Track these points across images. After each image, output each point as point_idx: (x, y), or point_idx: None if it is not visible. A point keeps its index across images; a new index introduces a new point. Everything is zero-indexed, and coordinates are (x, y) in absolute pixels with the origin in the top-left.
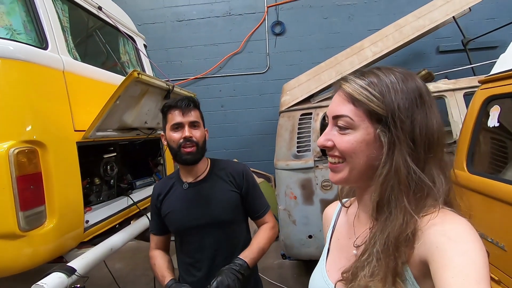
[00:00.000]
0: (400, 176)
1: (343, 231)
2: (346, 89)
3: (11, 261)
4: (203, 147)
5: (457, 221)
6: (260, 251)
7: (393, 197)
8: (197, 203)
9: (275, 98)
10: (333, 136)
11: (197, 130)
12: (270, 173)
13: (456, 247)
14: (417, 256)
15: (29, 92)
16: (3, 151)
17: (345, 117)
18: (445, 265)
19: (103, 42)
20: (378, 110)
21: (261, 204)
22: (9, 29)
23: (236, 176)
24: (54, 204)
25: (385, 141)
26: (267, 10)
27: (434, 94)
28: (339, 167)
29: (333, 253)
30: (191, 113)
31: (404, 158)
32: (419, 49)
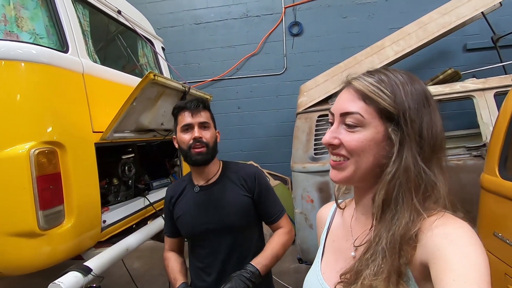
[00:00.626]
0: (409, 174)
1: (339, 233)
2: (357, 86)
3: (31, 259)
4: (214, 148)
5: (458, 224)
6: (274, 257)
7: (401, 195)
8: (208, 207)
9: (292, 99)
10: (340, 134)
11: (207, 131)
12: (287, 176)
13: (458, 250)
14: (418, 258)
15: (50, 94)
16: (24, 152)
17: (355, 114)
18: (446, 268)
19: (122, 45)
20: (389, 108)
21: (275, 208)
22: (32, 34)
23: (248, 179)
24: (72, 203)
25: (396, 140)
26: (284, 10)
27: (461, 94)
28: (343, 165)
29: (328, 255)
30: (200, 114)
31: (414, 157)
32: (444, 48)
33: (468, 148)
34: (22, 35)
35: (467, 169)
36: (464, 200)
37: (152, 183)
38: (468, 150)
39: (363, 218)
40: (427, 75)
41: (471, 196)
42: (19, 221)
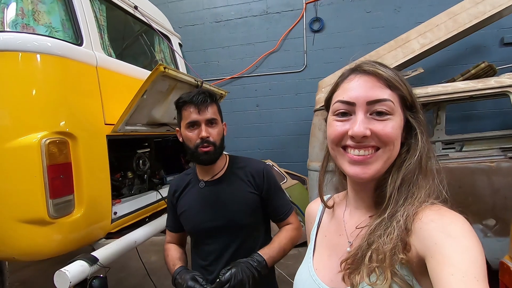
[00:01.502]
0: (423, 159)
1: (330, 228)
2: (382, 74)
3: (41, 246)
4: (221, 145)
5: (455, 217)
6: (281, 251)
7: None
8: (213, 204)
9: (311, 97)
10: (369, 123)
11: (214, 128)
12: (305, 175)
13: (455, 243)
14: (415, 251)
15: (63, 86)
16: (36, 141)
17: (387, 101)
18: (444, 262)
19: (139, 40)
20: (408, 96)
21: (283, 206)
22: (49, 27)
23: (256, 176)
24: (83, 194)
25: (417, 126)
26: (305, 6)
27: (496, 90)
28: (373, 158)
29: (320, 251)
30: (207, 110)
31: (428, 143)
32: (478, 42)
33: (504, 149)
34: (38, 28)
35: (502, 172)
36: (496, 205)
37: (165, 178)
38: (503, 152)
39: (357, 212)
40: (459, 71)
41: (505, 200)
42: (30, 209)
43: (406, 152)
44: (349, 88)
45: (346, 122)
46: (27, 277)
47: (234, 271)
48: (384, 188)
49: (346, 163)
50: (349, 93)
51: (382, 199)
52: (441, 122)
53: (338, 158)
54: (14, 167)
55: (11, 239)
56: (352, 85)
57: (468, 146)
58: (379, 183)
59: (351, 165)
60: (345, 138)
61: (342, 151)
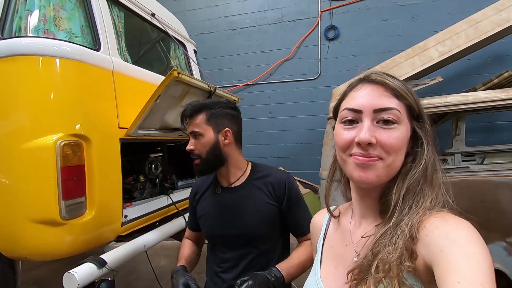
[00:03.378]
0: (428, 170)
1: (336, 239)
2: (389, 84)
3: (53, 247)
4: (209, 157)
5: (461, 223)
6: (300, 267)
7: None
8: (228, 211)
9: (325, 105)
10: (375, 131)
11: (198, 140)
12: (317, 184)
13: (461, 250)
14: (422, 260)
15: (80, 89)
16: (51, 143)
17: (394, 110)
18: (450, 269)
19: (155, 46)
20: (415, 107)
21: (304, 220)
22: (68, 32)
23: (277, 187)
24: (94, 196)
25: (423, 136)
26: (320, 15)
27: None
28: (377, 164)
29: (327, 262)
30: (192, 121)
31: (434, 154)
32: (500, 50)
33: None
34: (59, 33)
35: None
36: None
37: (177, 183)
38: None
39: (363, 222)
40: (480, 81)
41: None
42: (43, 209)
43: (412, 161)
44: (356, 97)
45: (353, 129)
46: (40, 277)
47: (250, 284)
48: (388, 197)
49: (352, 167)
50: (357, 101)
51: (387, 208)
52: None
53: (345, 165)
54: (29, 167)
55: (23, 239)
56: (359, 94)
57: (490, 158)
58: (384, 192)
59: (355, 167)
60: (351, 146)
61: (348, 158)
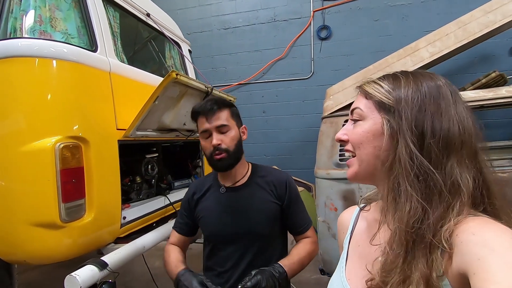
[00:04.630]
0: (407, 167)
1: (363, 237)
2: (363, 87)
3: (52, 250)
4: (236, 151)
5: (500, 229)
6: (300, 264)
7: (401, 188)
8: (233, 210)
9: (318, 104)
10: (348, 130)
11: (226, 134)
12: (311, 182)
13: (500, 259)
14: (456, 267)
15: (77, 91)
16: (50, 145)
17: (356, 109)
18: (488, 280)
19: (150, 46)
20: (385, 100)
21: (303, 219)
22: (65, 33)
23: (278, 186)
24: (93, 198)
25: (387, 128)
26: (313, 14)
27: (507, 100)
28: (352, 161)
29: (353, 260)
30: (217, 116)
31: (409, 149)
32: (487, 51)
33: None
34: (55, 34)
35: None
36: None
37: (173, 183)
38: None
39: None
40: (467, 81)
41: None
42: (42, 212)
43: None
44: None
45: None
46: (32, 279)
47: (259, 278)
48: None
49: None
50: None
51: None
52: None
53: None
54: (28, 170)
55: (22, 242)
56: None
57: None
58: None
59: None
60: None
61: None
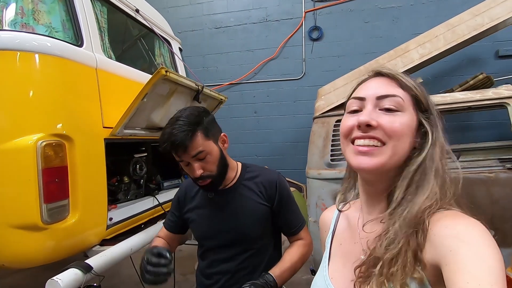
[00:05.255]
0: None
1: (345, 236)
2: (395, 75)
3: (33, 253)
4: (221, 171)
5: (471, 223)
6: (292, 269)
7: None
8: (222, 214)
9: (310, 105)
10: (377, 116)
11: (206, 160)
12: (302, 183)
13: (471, 251)
14: (430, 259)
15: (61, 87)
16: (31, 143)
17: (396, 97)
18: (459, 270)
19: (139, 43)
20: (421, 98)
21: (296, 219)
22: (48, 27)
23: (268, 186)
24: (78, 198)
25: (429, 128)
26: (304, 15)
27: (494, 101)
28: (378, 150)
29: (336, 260)
30: (189, 148)
31: (442, 147)
32: (474, 54)
33: (502, 160)
34: (38, 28)
35: (500, 183)
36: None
37: (163, 183)
38: (502, 162)
39: (370, 218)
40: (455, 82)
41: (504, 212)
42: (23, 213)
43: (418, 155)
44: (363, 88)
45: (355, 116)
46: (15, 284)
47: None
48: (393, 193)
49: (352, 154)
50: (362, 91)
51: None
52: None
53: (346, 151)
54: (8, 169)
55: (1, 245)
56: (367, 85)
57: (465, 156)
58: (390, 188)
59: (355, 155)
60: (353, 131)
61: (350, 143)
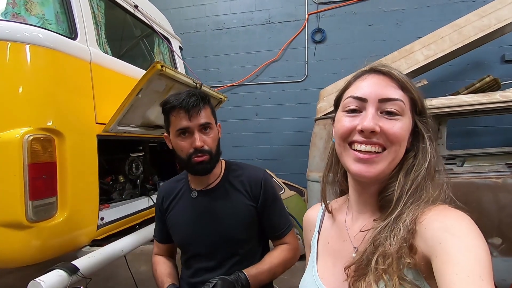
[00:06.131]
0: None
1: (332, 234)
2: (396, 75)
3: (17, 253)
4: (217, 152)
5: (459, 216)
6: (270, 273)
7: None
8: (206, 217)
9: (312, 107)
10: (380, 121)
11: (209, 134)
12: (303, 186)
13: (460, 243)
14: (421, 253)
15: (53, 79)
16: (18, 137)
17: (399, 101)
18: (448, 261)
19: (138, 40)
20: (418, 100)
21: (281, 222)
22: (41, 18)
23: (254, 185)
24: (67, 196)
25: (425, 130)
26: (307, 17)
27: (501, 104)
28: (378, 157)
29: (324, 259)
30: (200, 114)
31: (435, 149)
32: (480, 58)
33: (509, 165)
34: (30, 18)
35: (508, 189)
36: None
37: (159, 183)
38: (509, 168)
39: (360, 216)
40: (460, 86)
41: None
42: (6, 210)
43: (413, 156)
44: (362, 86)
45: (356, 118)
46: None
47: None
48: (389, 192)
49: (351, 160)
50: (362, 90)
51: (388, 203)
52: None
53: (344, 154)
54: None
55: None
56: (365, 83)
57: (470, 162)
58: (383, 187)
59: (355, 162)
60: (353, 133)
61: (348, 147)
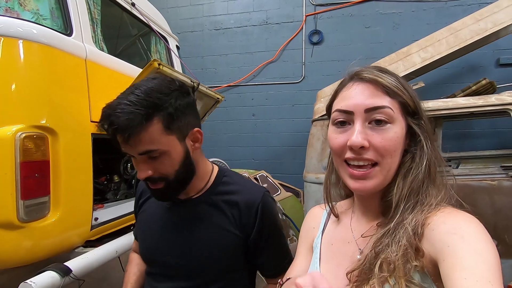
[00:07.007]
0: (431, 166)
1: (337, 236)
2: (380, 81)
3: (8, 253)
4: (180, 177)
5: (468, 219)
6: None
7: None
8: (177, 234)
9: (309, 109)
10: (369, 134)
11: (158, 160)
12: (299, 187)
13: (468, 246)
14: (428, 256)
15: (46, 76)
16: (10, 134)
17: (386, 108)
18: (457, 265)
19: (134, 38)
20: (409, 102)
21: (278, 259)
22: (35, 14)
23: (245, 210)
24: (60, 196)
25: (420, 132)
26: (305, 19)
27: (497, 107)
28: (372, 172)
29: (328, 260)
30: (135, 140)
31: (434, 149)
32: (474, 62)
33: (505, 167)
34: (24, 13)
35: (503, 191)
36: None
37: None
38: (505, 170)
39: (364, 219)
40: (456, 89)
41: (507, 221)
42: None
43: (411, 160)
44: (347, 97)
45: (345, 132)
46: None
47: None
48: (390, 197)
49: (347, 177)
50: (347, 101)
51: (388, 208)
52: (438, 139)
53: (340, 170)
54: None
55: None
56: (350, 93)
57: (465, 164)
58: (385, 192)
59: (352, 179)
60: (344, 150)
61: (344, 164)
